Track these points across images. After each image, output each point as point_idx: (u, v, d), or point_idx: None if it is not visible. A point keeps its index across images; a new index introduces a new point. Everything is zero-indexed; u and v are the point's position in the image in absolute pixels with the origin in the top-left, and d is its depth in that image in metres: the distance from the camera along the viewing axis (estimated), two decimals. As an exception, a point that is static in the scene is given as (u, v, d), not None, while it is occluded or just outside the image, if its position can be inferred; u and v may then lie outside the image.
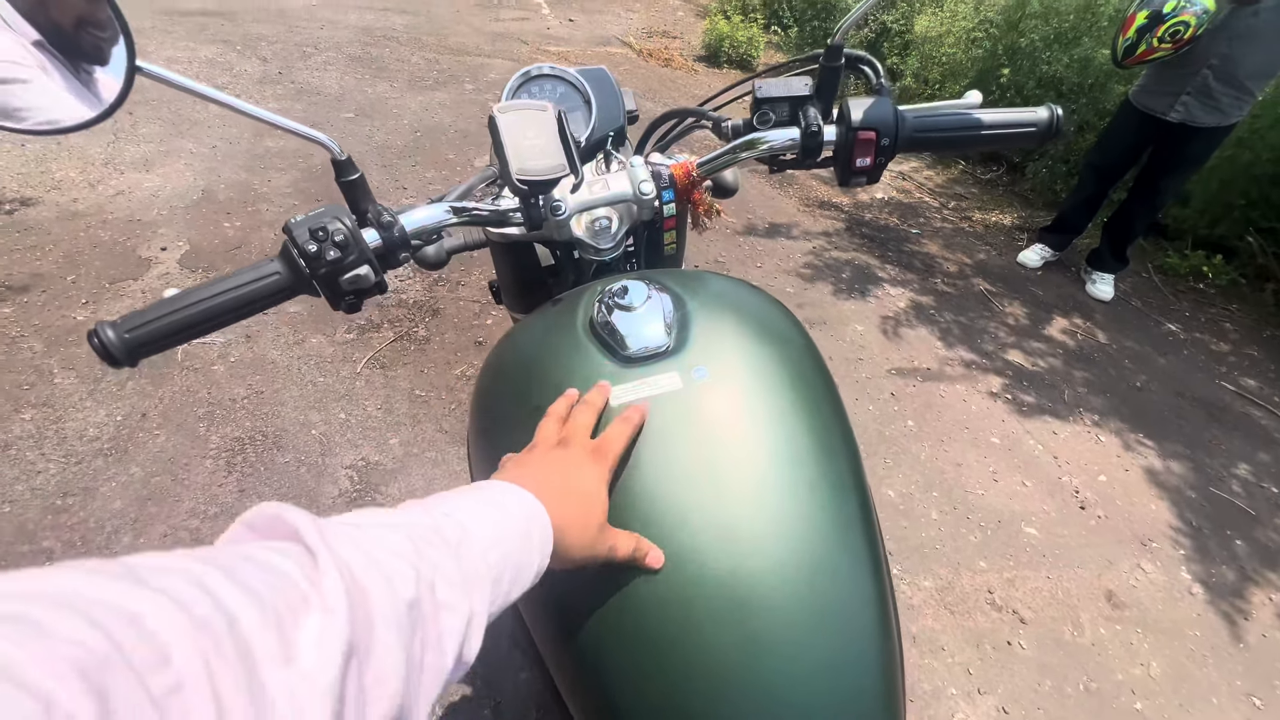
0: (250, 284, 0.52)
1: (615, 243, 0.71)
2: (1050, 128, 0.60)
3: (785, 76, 0.65)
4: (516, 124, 0.57)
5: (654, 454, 0.50)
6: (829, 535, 0.49)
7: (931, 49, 4.30)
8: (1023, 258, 3.13)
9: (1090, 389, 2.39)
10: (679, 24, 6.59)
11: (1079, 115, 3.48)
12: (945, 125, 0.60)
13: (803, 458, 0.52)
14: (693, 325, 0.57)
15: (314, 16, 5.02)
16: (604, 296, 0.58)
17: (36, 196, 2.50)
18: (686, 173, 0.68)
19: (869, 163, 0.60)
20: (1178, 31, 2.19)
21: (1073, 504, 1.93)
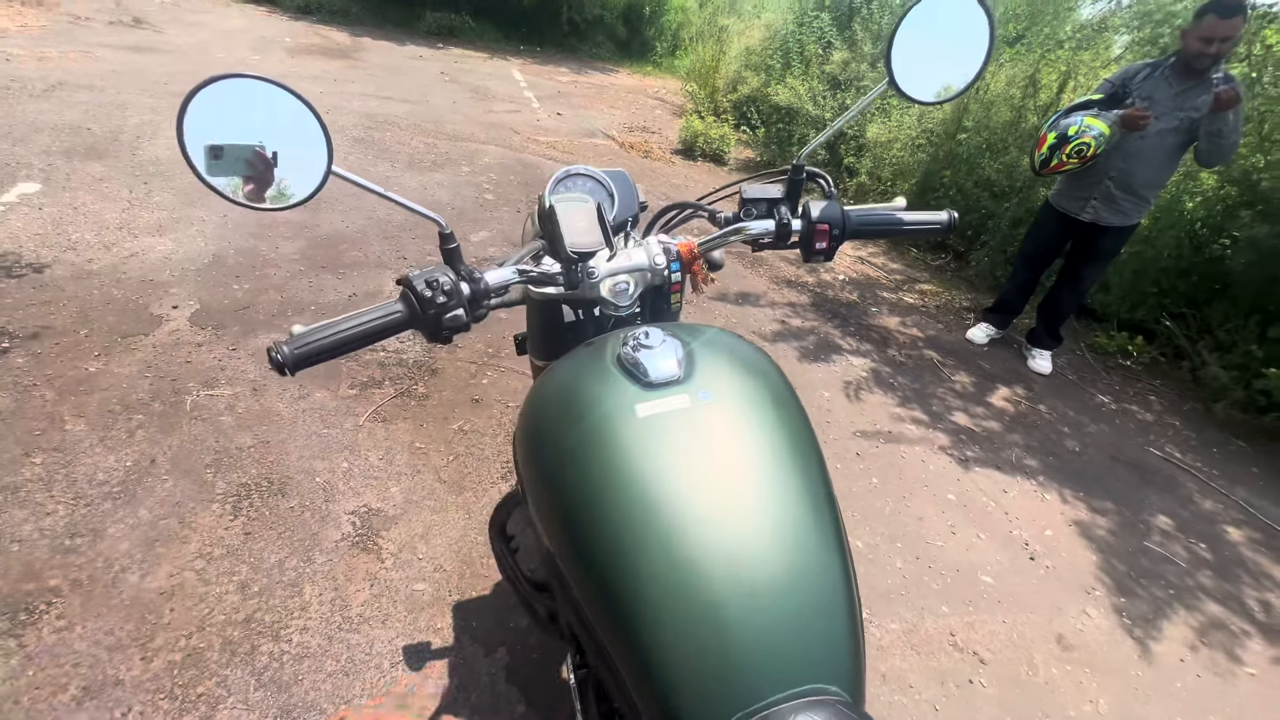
0: (379, 319, 0.69)
1: (630, 302, 0.91)
2: (949, 225, 0.84)
3: (763, 183, 0.88)
4: (569, 211, 0.77)
5: (669, 454, 0.67)
6: (804, 519, 0.65)
7: (882, 152, 4.86)
8: (971, 335, 3.46)
9: (1033, 452, 2.63)
10: (657, 121, 7.24)
11: (1011, 212, 3.95)
12: (877, 221, 0.84)
13: (782, 460, 0.69)
14: (697, 362, 0.76)
15: (320, 103, 5.38)
16: (628, 340, 0.77)
17: (53, 257, 2.63)
18: (690, 250, 0.89)
19: (825, 246, 0.83)
20: (1082, 150, 2.62)
21: (1023, 555, 2.10)
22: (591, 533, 0.65)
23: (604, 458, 0.67)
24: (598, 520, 0.65)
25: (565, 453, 0.70)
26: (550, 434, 0.74)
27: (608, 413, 0.70)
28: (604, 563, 0.63)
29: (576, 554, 0.66)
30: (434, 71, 7.56)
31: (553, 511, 0.70)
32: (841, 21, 5.98)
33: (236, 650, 1.39)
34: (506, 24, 10.62)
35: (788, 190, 0.85)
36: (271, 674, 1.36)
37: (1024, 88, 4.14)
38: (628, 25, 11.65)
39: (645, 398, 0.71)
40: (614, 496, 0.65)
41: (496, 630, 1.53)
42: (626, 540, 0.63)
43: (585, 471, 0.67)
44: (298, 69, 6.43)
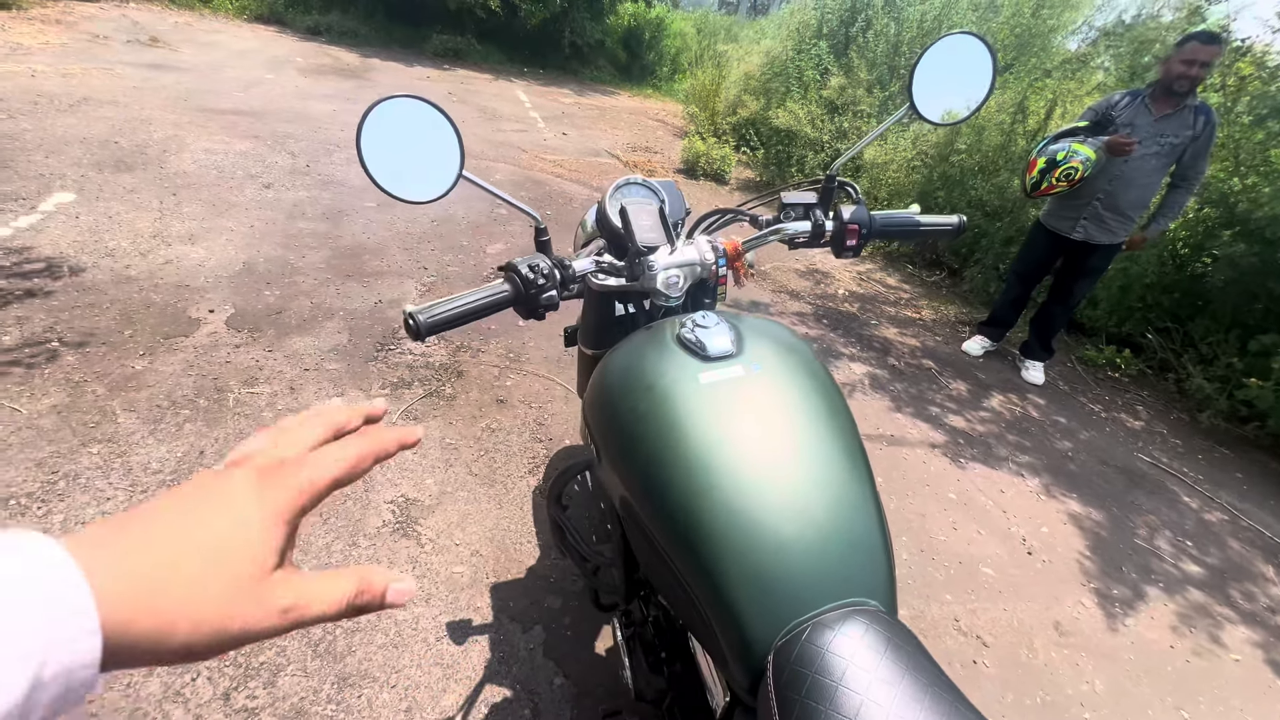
0: (489, 297, 0.81)
1: (680, 294, 1.04)
2: (959, 227, 0.98)
3: (800, 190, 1.02)
4: (637, 211, 0.90)
5: (727, 414, 0.79)
6: (841, 460, 0.78)
7: (879, 173, 5.06)
8: (966, 347, 3.61)
9: (1029, 455, 2.76)
10: (659, 141, 7.47)
11: (1003, 230, 4.14)
12: (898, 223, 0.98)
13: (821, 415, 0.82)
14: (746, 340, 0.88)
15: (335, 120, 5.58)
16: (686, 322, 0.89)
17: (93, 262, 2.74)
18: (735, 247, 1.03)
19: (855, 243, 0.97)
20: (1070, 174, 2.79)
21: (1021, 550, 2.22)
22: (668, 476, 0.77)
23: (675, 415, 0.79)
24: (673, 465, 0.77)
25: (640, 414, 0.82)
26: (625, 399, 0.86)
27: (675, 380, 0.83)
28: (679, 500, 0.75)
29: (655, 495, 0.78)
30: (442, 92, 7.78)
31: (632, 463, 0.82)
32: (838, 49, 6.25)
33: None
34: (510, 47, 10.93)
35: (821, 196, 1.00)
36: (326, 645, 1.46)
37: (1013, 113, 4.36)
38: (628, 50, 12.00)
39: (706, 368, 0.84)
40: (686, 446, 0.77)
41: (532, 610, 1.63)
42: (699, 481, 0.75)
43: (660, 427, 0.80)
44: (311, 87, 6.61)
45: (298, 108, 5.74)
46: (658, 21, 12.12)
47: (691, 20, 12.75)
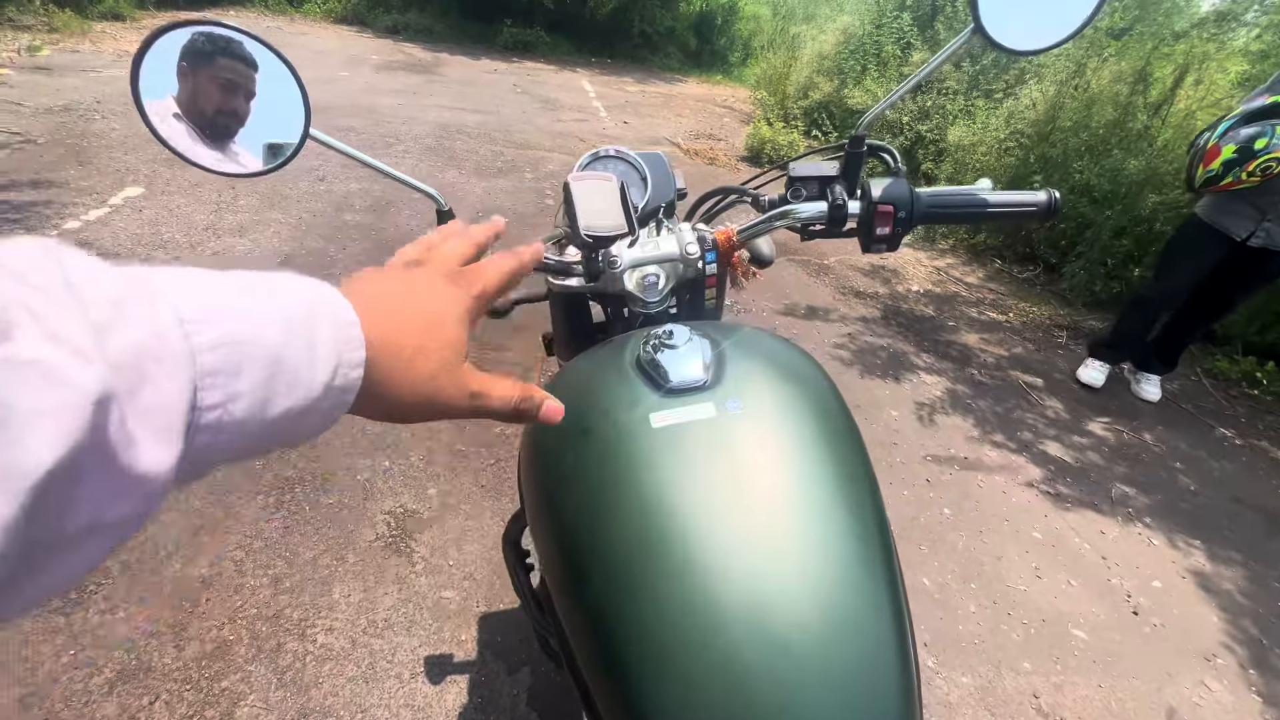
0: None
1: (661, 297, 0.80)
2: (1049, 208, 0.68)
3: (815, 160, 0.76)
4: (586, 190, 0.68)
5: (687, 472, 0.56)
6: (846, 549, 0.53)
7: (964, 156, 4.53)
8: (1083, 376, 2.92)
9: (1139, 489, 2.30)
10: (724, 128, 7.13)
11: (1113, 220, 3.56)
12: (955, 203, 0.69)
13: (824, 483, 0.56)
14: (728, 365, 0.64)
15: (397, 113, 5.65)
16: (650, 339, 0.66)
17: (146, 254, 2.82)
18: (728, 237, 0.78)
19: (888, 231, 0.69)
20: (1269, 167, 2.12)
21: (1124, 608, 1.82)
22: (591, 565, 0.55)
23: (611, 476, 0.57)
24: (599, 550, 0.55)
25: (567, 468, 0.60)
26: (553, 446, 0.64)
27: (619, 423, 0.60)
28: (603, 601, 0.53)
29: (573, 589, 0.56)
30: (507, 84, 7.78)
31: (549, 537, 0.60)
32: (923, 21, 5.68)
33: (263, 646, 1.38)
34: (578, 37, 10.84)
35: (844, 167, 0.73)
36: (294, 674, 1.34)
37: (1132, 84, 3.74)
38: (699, 35, 11.63)
39: (663, 405, 0.60)
40: (619, 522, 0.54)
41: (521, 648, 1.45)
42: (631, 575, 0.52)
43: (588, 491, 0.58)
44: (381, 83, 6.77)
45: (365, 102, 5.86)
46: (730, 5, 11.67)
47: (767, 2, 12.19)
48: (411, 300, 0.34)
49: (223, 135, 0.61)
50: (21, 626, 1.34)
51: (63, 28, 6.66)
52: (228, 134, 0.61)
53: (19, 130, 3.95)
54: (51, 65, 5.36)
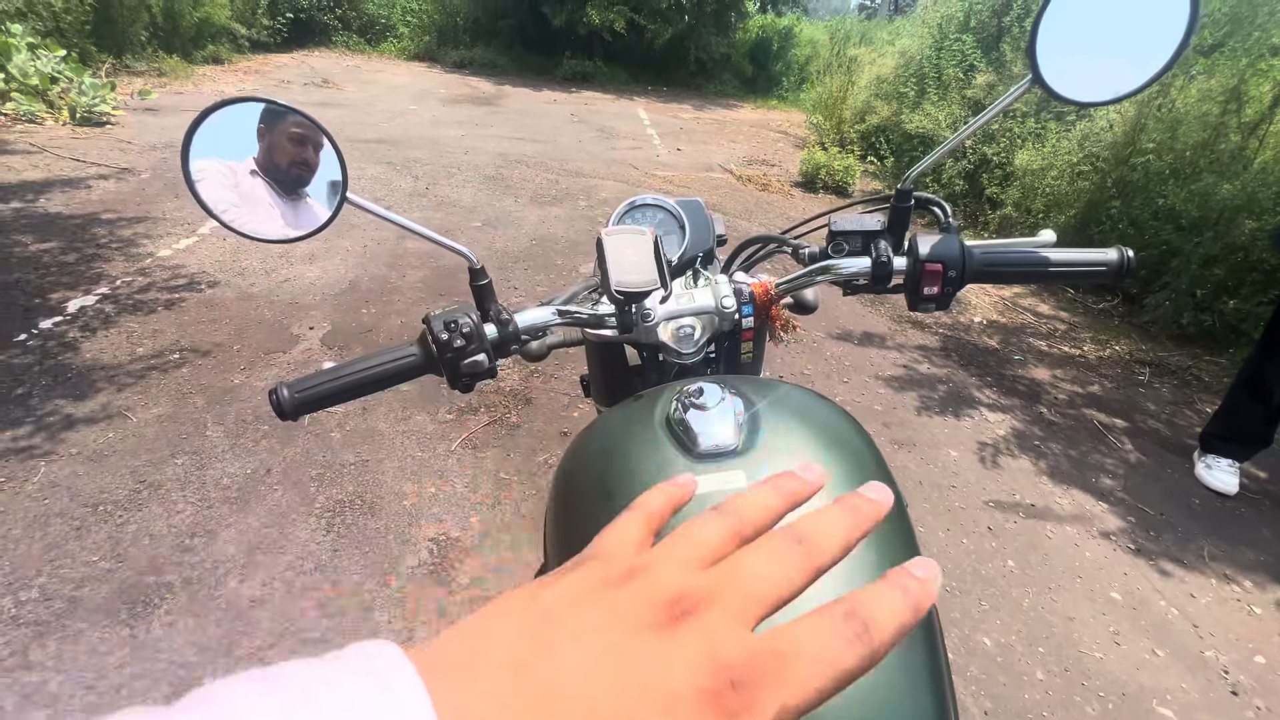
0: (390, 362, 0.63)
1: (696, 349, 0.78)
2: (1121, 269, 0.62)
3: (859, 213, 0.72)
4: (619, 244, 0.67)
5: None
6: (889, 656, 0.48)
7: (1033, 181, 4.32)
8: (1207, 479, 2.34)
9: (1236, 548, 2.08)
10: (778, 154, 7.09)
11: (1204, 248, 3.29)
12: (1013, 261, 0.64)
13: (864, 566, 0.52)
14: (761, 428, 0.61)
15: (460, 144, 5.91)
16: (681, 396, 0.64)
17: (225, 280, 3.03)
18: (765, 291, 0.76)
19: (936, 291, 0.65)
20: None
21: (1220, 686, 1.63)
22: None
23: None
24: None
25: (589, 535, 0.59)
26: (579, 508, 0.63)
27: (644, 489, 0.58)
28: None
29: None
30: (565, 114, 8.03)
31: None
32: (987, 43, 5.50)
33: (306, 669, 1.41)
34: (635, 66, 11.11)
35: (890, 221, 0.69)
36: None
37: (1223, 103, 3.48)
38: (754, 61, 11.70)
39: (691, 472, 0.58)
40: None
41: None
42: None
43: None
44: (446, 115, 7.11)
45: (431, 134, 6.17)
46: (786, 31, 11.70)
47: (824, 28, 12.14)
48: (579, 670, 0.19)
49: (297, 185, 0.65)
50: (90, 635, 1.43)
51: (170, 73, 7.35)
52: (301, 183, 0.65)
53: (127, 165, 4.36)
54: (159, 106, 5.92)
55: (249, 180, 0.63)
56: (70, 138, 4.79)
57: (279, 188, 0.65)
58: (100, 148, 4.65)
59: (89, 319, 2.60)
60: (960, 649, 1.63)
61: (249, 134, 0.60)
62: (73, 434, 2.01)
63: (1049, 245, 0.66)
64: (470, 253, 0.67)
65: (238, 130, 0.61)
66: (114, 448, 1.97)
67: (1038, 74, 0.54)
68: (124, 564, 1.61)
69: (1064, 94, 0.54)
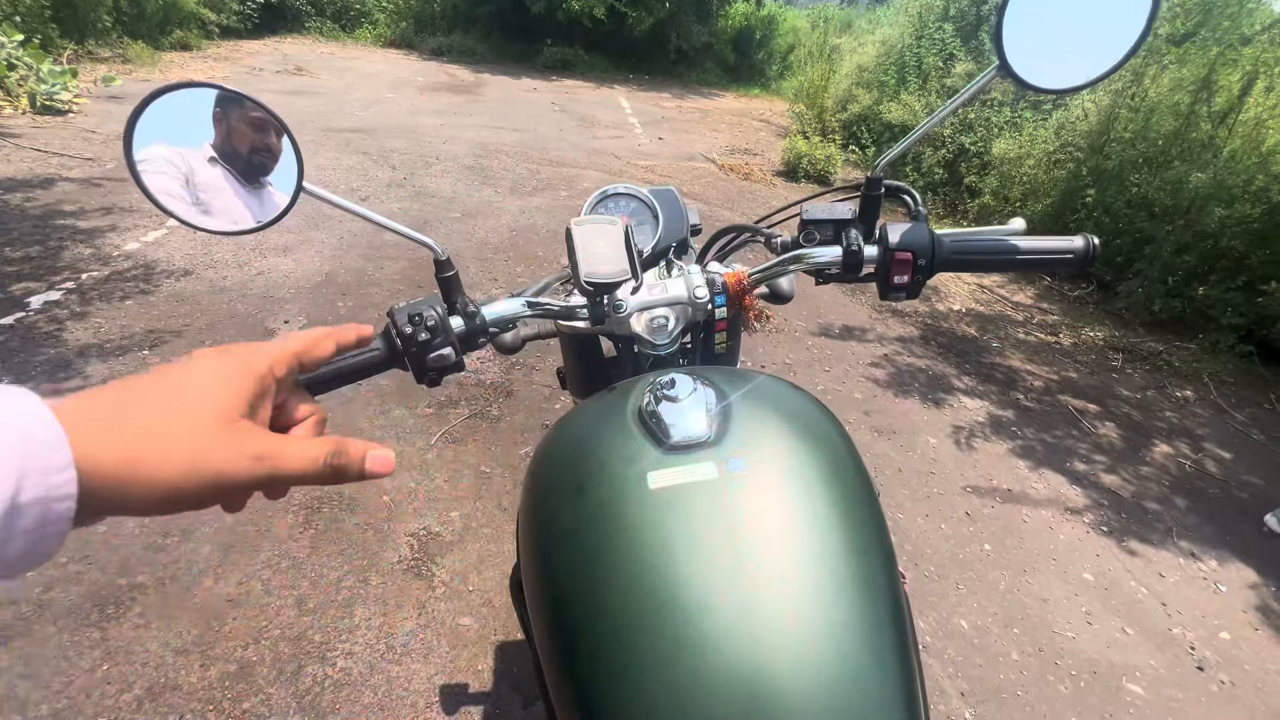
0: (353, 357, 0.61)
1: (670, 339, 0.78)
2: (1086, 256, 0.62)
3: (830, 202, 0.72)
4: (588, 235, 0.66)
5: (686, 539, 0.53)
6: (855, 635, 0.48)
7: (1011, 170, 4.37)
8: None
9: (1204, 528, 2.13)
10: (760, 143, 7.08)
11: (1175, 236, 3.36)
12: (982, 249, 0.64)
13: (833, 555, 0.52)
14: (733, 419, 0.61)
15: (438, 134, 5.81)
16: (654, 387, 0.63)
17: (196, 272, 2.96)
18: (738, 280, 0.75)
19: (906, 279, 0.65)
20: None
21: (1187, 662, 1.68)
22: (578, 641, 0.52)
23: (603, 542, 0.54)
24: (587, 626, 0.52)
25: (560, 529, 0.58)
26: (549, 502, 0.62)
27: (614, 481, 0.57)
28: (588, 683, 0.50)
29: (560, 664, 0.53)
30: (545, 102, 7.93)
31: (540, 603, 0.58)
32: (966, 32, 5.53)
33: (284, 668, 1.40)
34: (616, 54, 11.00)
35: (861, 209, 0.69)
36: (312, 698, 1.35)
37: (1194, 92, 3.54)
38: (736, 50, 11.65)
39: (662, 464, 0.57)
40: (609, 596, 0.52)
41: (536, 680, 1.43)
42: (619, 658, 0.49)
43: (580, 557, 0.55)
44: (424, 104, 6.99)
45: (408, 124, 6.06)
46: (769, 19, 11.66)
47: (806, 16, 12.12)
48: (149, 385, 0.31)
49: (259, 172, 0.62)
50: (60, 637, 1.39)
51: (135, 59, 7.12)
52: (264, 170, 0.62)
53: (91, 156, 4.22)
54: (123, 94, 5.73)
55: (206, 169, 0.60)
56: (31, 127, 4.63)
57: (240, 175, 0.62)
58: (63, 137, 4.50)
59: (54, 314, 2.53)
60: (938, 632, 1.66)
61: (203, 120, 0.57)
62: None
63: (1018, 233, 0.66)
64: (435, 244, 0.66)
65: (190, 116, 0.59)
66: (82, 447, 1.92)
67: (1004, 62, 0.53)
68: (93, 566, 1.57)
69: (1030, 81, 0.54)
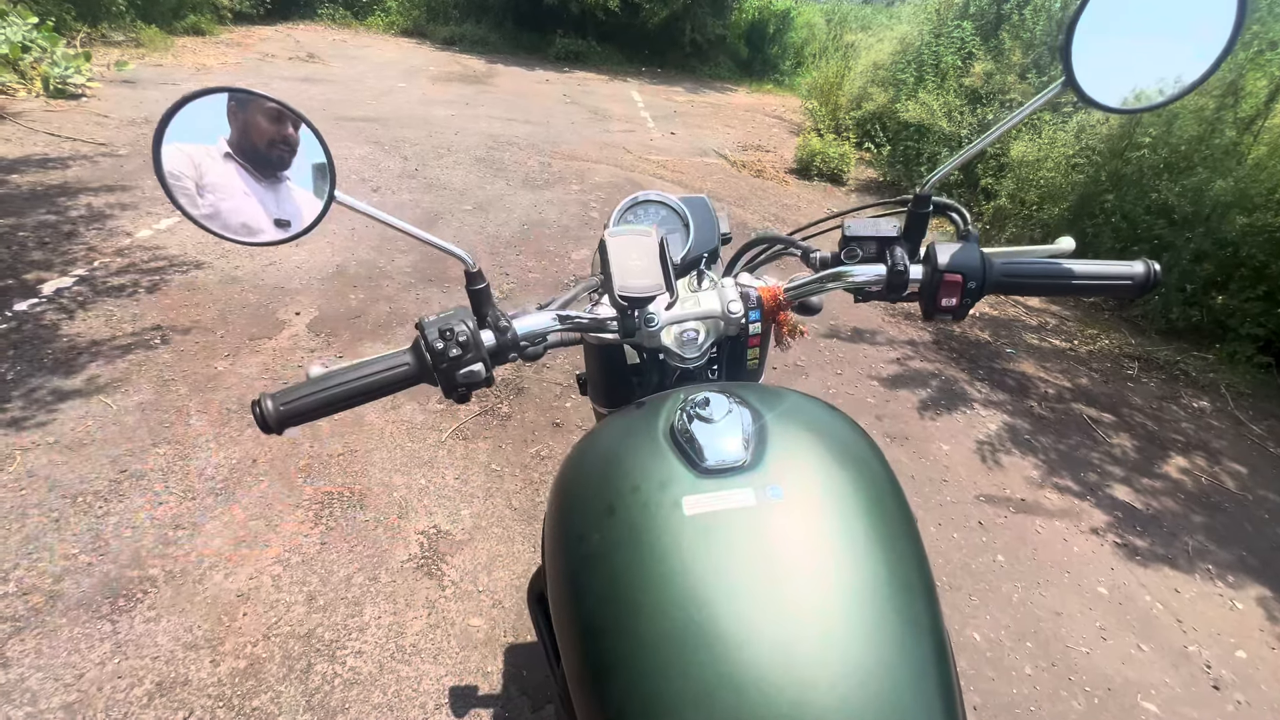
0: (383, 371, 0.60)
1: (700, 353, 0.76)
2: (1147, 282, 0.60)
3: (873, 217, 0.70)
4: (623, 247, 0.64)
5: (722, 570, 0.51)
6: (899, 676, 0.47)
7: (1028, 173, 4.31)
8: None
9: (1220, 543, 2.11)
10: (773, 139, 7.02)
11: (1195, 244, 3.31)
12: (1035, 273, 0.62)
13: (874, 589, 0.51)
14: (770, 442, 0.59)
15: (450, 124, 5.78)
16: (686, 405, 0.62)
17: (208, 262, 2.95)
18: (774, 296, 0.73)
19: (954, 303, 0.63)
20: None
21: (1203, 681, 1.66)
22: (612, 668, 0.51)
23: (637, 567, 0.53)
24: (621, 653, 0.51)
25: (592, 548, 0.56)
26: (579, 519, 0.60)
27: (648, 505, 0.55)
28: (623, 712, 0.49)
29: (591, 690, 0.52)
30: (557, 94, 7.88)
31: (570, 624, 0.56)
32: (986, 30, 5.44)
33: (294, 666, 1.39)
34: (629, 47, 10.91)
35: (906, 227, 0.67)
36: (321, 697, 1.34)
37: (1220, 97, 3.48)
38: (750, 44, 11.54)
39: (697, 489, 0.56)
40: (644, 624, 0.50)
41: (547, 684, 1.42)
42: (655, 688, 0.48)
43: (612, 581, 0.53)
44: (436, 94, 6.95)
45: (420, 113, 6.03)
46: (784, 14, 11.53)
47: (822, 11, 11.98)
48: None
49: (277, 167, 0.60)
50: (71, 629, 1.39)
51: (148, 44, 7.10)
52: (282, 165, 0.60)
53: (104, 141, 4.21)
54: (136, 79, 5.72)
55: (220, 166, 0.58)
56: (44, 110, 4.62)
57: (256, 171, 0.60)
58: (75, 121, 4.49)
59: (66, 301, 2.53)
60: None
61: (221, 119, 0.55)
62: (51, 422, 1.95)
63: (1068, 254, 0.64)
64: (466, 255, 0.64)
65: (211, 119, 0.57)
66: (93, 436, 1.92)
67: (1071, 76, 0.51)
68: (105, 558, 1.57)
69: (1097, 99, 0.51)
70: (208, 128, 0.57)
